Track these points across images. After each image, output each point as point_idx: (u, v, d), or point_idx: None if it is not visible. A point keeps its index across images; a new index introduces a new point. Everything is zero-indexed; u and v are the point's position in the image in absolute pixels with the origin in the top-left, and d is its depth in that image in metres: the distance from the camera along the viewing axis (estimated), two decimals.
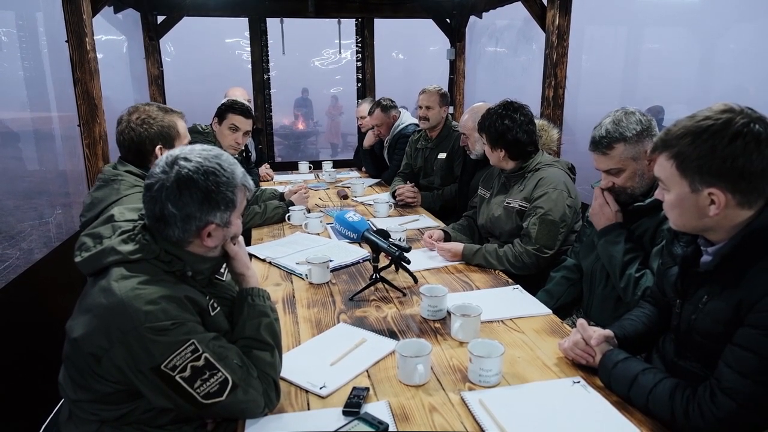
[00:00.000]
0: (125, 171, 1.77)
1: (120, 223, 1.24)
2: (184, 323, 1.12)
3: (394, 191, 3.32)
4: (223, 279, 1.40)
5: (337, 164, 4.70)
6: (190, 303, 1.16)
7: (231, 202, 1.19)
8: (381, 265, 1.91)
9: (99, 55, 2.82)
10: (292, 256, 2.29)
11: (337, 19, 5.05)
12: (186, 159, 1.16)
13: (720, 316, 1.12)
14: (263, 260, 2.29)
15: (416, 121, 3.75)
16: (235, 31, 15.77)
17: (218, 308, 1.26)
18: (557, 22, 3.11)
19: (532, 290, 1.96)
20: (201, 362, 1.11)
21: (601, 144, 1.66)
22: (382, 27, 5.30)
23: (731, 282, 1.11)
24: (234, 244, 1.30)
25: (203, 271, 1.25)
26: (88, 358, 1.12)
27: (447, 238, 2.43)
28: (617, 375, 1.27)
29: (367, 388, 1.29)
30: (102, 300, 1.11)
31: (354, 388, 1.29)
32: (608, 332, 1.39)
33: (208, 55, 16.35)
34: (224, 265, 1.39)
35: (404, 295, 1.90)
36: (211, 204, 1.15)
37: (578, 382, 1.33)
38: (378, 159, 4.21)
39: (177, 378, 1.09)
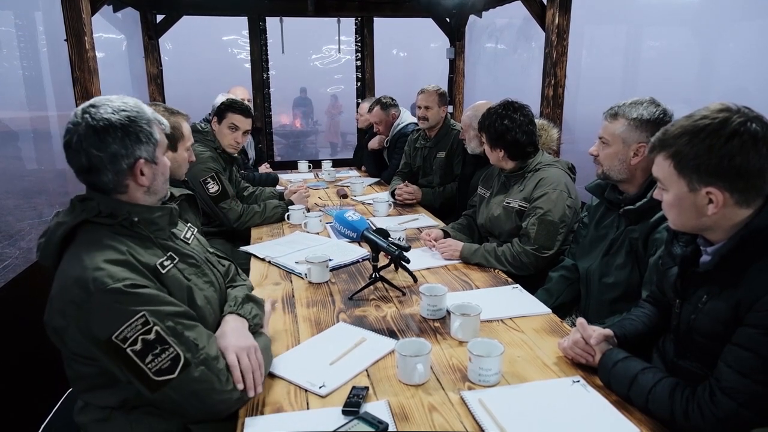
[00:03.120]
0: None
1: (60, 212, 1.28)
2: (137, 293, 1.11)
3: (394, 190, 3.32)
4: (189, 243, 1.40)
5: (337, 163, 4.70)
6: (138, 262, 1.17)
7: (150, 134, 1.22)
8: (380, 264, 1.91)
9: (99, 54, 2.82)
10: (291, 255, 2.29)
11: (336, 18, 5.05)
12: (93, 106, 1.19)
13: (719, 315, 1.12)
14: (262, 259, 2.29)
15: (416, 120, 3.75)
16: (233, 30, 15.73)
17: (170, 266, 1.25)
18: (557, 21, 3.11)
19: (532, 290, 1.96)
20: (152, 336, 1.10)
21: (611, 111, 1.69)
22: (383, 24, 5.29)
23: (730, 281, 1.11)
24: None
25: (156, 222, 1.27)
26: (55, 337, 1.15)
27: (446, 237, 2.43)
28: (617, 374, 1.27)
29: (367, 388, 1.29)
30: (57, 282, 1.14)
31: (353, 388, 1.29)
32: (608, 331, 1.39)
33: (206, 53, 16.31)
34: (190, 229, 1.43)
35: (404, 294, 1.89)
36: (131, 137, 1.19)
37: (578, 381, 1.33)
38: (379, 158, 4.21)
39: (128, 351, 1.08)
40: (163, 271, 1.22)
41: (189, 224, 1.48)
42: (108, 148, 1.16)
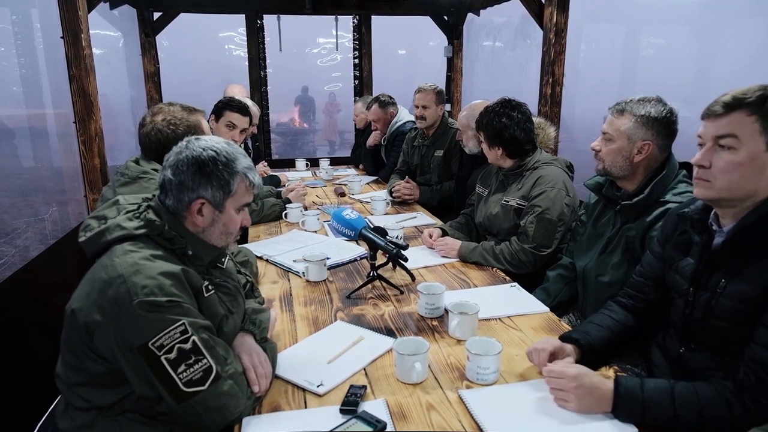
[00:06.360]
0: (152, 169, 1.76)
1: (125, 206, 1.28)
2: (180, 304, 1.13)
3: (392, 189, 3.32)
4: (223, 266, 1.41)
5: (335, 161, 4.69)
6: (187, 281, 1.18)
7: (225, 182, 1.23)
8: (378, 262, 1.91)
9: (95, 52, 2.80)
10: (289, 253, 2.29)
11: (334, 16, 5.04)
12: (198, 139, 1.25)
13: (746, 296, 1.10)
14: (260, 258, 2.28)
15: (413, 118, 3.74)
16: (229, 26, 15.66)
17: (212, 291, 1.28)
18: (555, 20, 3.11)
19: (530, 288, 1.96)
20: (188, 345, 1.11)
21: (617, 106, 1.67)
22: (382, 22, 5.28)
23: (753, 259, 1.09)
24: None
25: (203, 258, 1.29)
26: (82, 330, 1.13)
27: (444, 236, 2.42)
28: (654, 398, 1.11)
29: (365, 387, 1.29)
30: (102, 275, 1.13)
31: (351, 387, 1.29)
32: (565, 361, 1.28)
33: (202, 50, 16.25)
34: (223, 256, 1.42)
35: (402, 292, 1.89)
36: (202, 176, 1.21)
37: None
38: (377, 156, 4.20)
39: (162, 359, 1.09)
40: (206, 295, 1.25)
41: None
42: (179, 175, 1.22)
